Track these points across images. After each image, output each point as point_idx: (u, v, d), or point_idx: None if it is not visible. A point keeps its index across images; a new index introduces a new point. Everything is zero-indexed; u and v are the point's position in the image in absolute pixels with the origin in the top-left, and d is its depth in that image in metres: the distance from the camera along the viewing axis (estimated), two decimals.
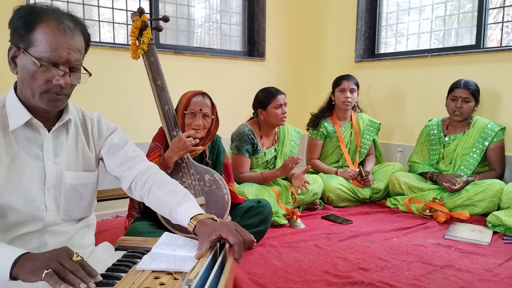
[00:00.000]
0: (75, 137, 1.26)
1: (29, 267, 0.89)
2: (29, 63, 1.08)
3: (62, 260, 0.89)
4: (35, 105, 1.13)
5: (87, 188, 1.27)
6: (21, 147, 1.15)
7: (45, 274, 0.85)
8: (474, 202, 2.65)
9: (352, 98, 3.28)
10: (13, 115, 1.13)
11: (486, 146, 2.85)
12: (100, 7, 3.43)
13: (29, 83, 1.10)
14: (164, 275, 0.94)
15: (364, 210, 2.95)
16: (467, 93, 2.87)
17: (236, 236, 1.03)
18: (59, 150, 1.21)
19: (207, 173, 2.15)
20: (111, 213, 2.83)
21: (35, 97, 1.11)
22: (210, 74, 3.89)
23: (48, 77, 1.09)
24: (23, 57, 1.10)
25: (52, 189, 1.18)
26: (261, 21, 4.24)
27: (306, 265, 1.95)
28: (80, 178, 1.25)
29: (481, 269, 1.91)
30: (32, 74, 1.09)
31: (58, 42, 1.09)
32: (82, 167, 1.26)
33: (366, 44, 4.11)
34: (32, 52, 1.08)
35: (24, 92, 1.13)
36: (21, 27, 1.09)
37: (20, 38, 1.09)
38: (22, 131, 1.15)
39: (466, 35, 3.49)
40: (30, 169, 1.15)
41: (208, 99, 2.17)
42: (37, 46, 1.08)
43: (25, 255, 0.92)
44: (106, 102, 3.31)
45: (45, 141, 1.18)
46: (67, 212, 1.22)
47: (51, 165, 1.19)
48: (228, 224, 1.07)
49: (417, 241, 2.29)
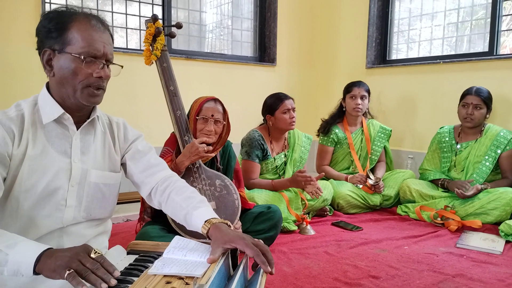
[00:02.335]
0: (103, 137, 1.30)
1: (51, 265, 0.92)
2: (69, 61, 1.13)
3: (83, 259, 0.92)
4: (73, 102, 1.18)
5: (110, 188, 1.30)
6: (50, 143, 1.19)
7: (67, 275, 0.88)
8: (486, 211, 2.62)
9: (363, 105, 3.27)
10: (46, 111, 1.18)
11: (498, 154, 2.82)
12: (114, 12, 3.48)
13: (71, 80, 1.15)
14: (175, 279, 0.95)
15: (375, 217, 2.93)
16: (479, 100, 2.85)
17: (253, 248, 1.03)
18: (86, 149, 1.25)
19: (218, 178, 2.16)
20: (122, 216, 2.85)
21: (77, 93, 1.16)
22: (221, 79, 3.92)
23: (90, 70, 1.15)
24: (60, 58, 1.14)
25: (76, 185, 1.21)
26: (272, 27, 4.26)
27: (316, 272, 1.95)
28: (105, 177, 1.28)
29: (493, 279, 1.88)
30: (73, 71, 1.14)
31: (93, 37, 1.15)
32: (108, 167, 1.30)
33: (378, 50, 4.10)
34: (70, 50, 1.13)
35: (62, 91, 1.17)
36: (54, 29, 1.14)
37: (54, 40, 1.14)
38: (52, 127, 1.19)
39: (479, 42, 3.47)
40: (57, 164, 1.18)
41: (220, 105, 2.19)
42: (74, 44, 1.13)
43: (47, 251, 0.95)
44: (118, 106, 3.35)
45: (73, 138, 1.22)
46: (88, 210, 1.24)
47: (78, 162, 1.22)
48: (244, 237, 1.07)
49: (428, 249, 2.27)
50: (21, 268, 0.93)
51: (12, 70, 2.98)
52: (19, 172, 1.13)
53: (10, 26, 2.95)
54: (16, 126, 1.13)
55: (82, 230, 1.25)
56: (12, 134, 1.12)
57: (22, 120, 1.15)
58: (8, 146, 1.11)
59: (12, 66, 2.98)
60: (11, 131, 1.12)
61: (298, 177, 2.57)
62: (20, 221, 1.15)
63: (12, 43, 2.96)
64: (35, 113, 1.18)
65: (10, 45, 2.96)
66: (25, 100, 1.21)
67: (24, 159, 1.13)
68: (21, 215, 1.14)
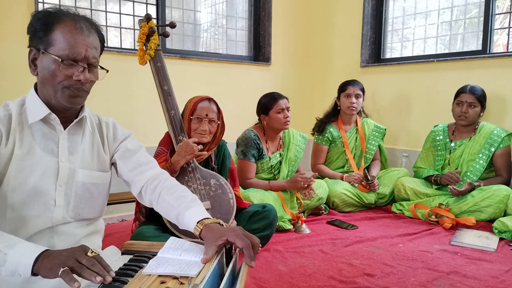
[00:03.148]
0: (91, 137, 1.30)
1: (48, 264, 0.93)
2: (50, 62, 1.14)
3: (79, 257, 0.93)
4: (55, 103, 1.18)
5: (98, 188, 1.29)
6: (37, 142, 1.19)
7: (62, 272, 0.89)
8: (480, 208, 2.64)
9: (357, 104, 3.28)
10: (33, 111, 1.19)
11: (492, 152, 2.84)
12: (108, 12, 3.46)
13: (51, 81, 1.15)
14: (170, 279, 0.95)
15: (370, 216, 2.94)
16: (473, 98, 2.87)
17: (243, 239, 1.03)
18: (74, 149, 1.25)
19: (212, 177, 2.16)
20: (116, 217, 2.84)
21: (57, 94, 1.16)
22: (216, 78, 3.91)
23: (68, 73, 1.14)
24: (43, 58, 1.15)
25: (63, 185, 1.22)
26: (266, 26, 4.26)
27: (311, 271, 1.95)
28: (92, 177, 1.28)
29: (487, 276, 1.90)
30: (53, 72, 1.14)
31: (76, 40, 1.15)
32: (96, 166, 1.30)
33: (372, 49, 4.11)
34: (52, 51, 1.14)
35: (45, 91, 1.18)
36: (40, 29, 1.15)
37: (39, 40, 1.15)
38: (39, 127, 1.20)
39: (473, 40, 3.49)
40: (44, 163, 1.19)
41: (214, 104, 2.18)
42: (56, 45, 1.14)
43: (46, 252, 0.96)
44: (113, 106, 3.34)
45: (60, 137, 1.22)
46: (76, 210, 1.24)
47: (65, 161, 1.22)
48: (234, 229, 1.07)
49: (423, 247, 2.28)
50: (19, 268, 0.94)
51: (3, 70, 2.95)
52: (7, 172, 1.13)
53: (2, 25, 2.93)
54: (3, 125, 1.14)
55: (73, 230, 1.25)
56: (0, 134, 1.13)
57: (10, 120, 1.16)
58: None
59: (4, 66, 2.95)
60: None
61: (299, 177, 2.58)
62: (10, 220, 1.15)
63: (4, 42, 2.94)
64: (22, 113, 1.19)
65: (2, 44, 2.94)
66: (14, 100, 1.22)
67: (12, 158, 1.14)
68: (10, 215, 1.15)
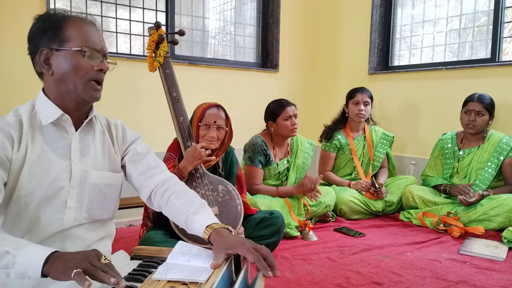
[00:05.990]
0: (102, 138, 1.31)
1: (60, 266, 0.92)
2: (69, 56, 1.15)
3: (93, 261, 0.93)
4: (74, 99, 1.19)
5: (110, 188, 1.29)
6: (49, 145, 1.19)
7: (75, 273, 0.88)
8: (489, 217, 2.62)
9: (365, 111, 3.28)
10: (44, 113, 1.19)
11: (501, 160, 2.82)
12: (118, 19, 3.50)
13: (71, 76, 1.16)
14: (179, 285, 0.95)
15: (377, 223, 2.93)
16: (481, 106, 2.85)
17: (253, 253, 1.03)
18: (86, 150, 1.25)
19: (220, 183, 2.17)
20: (124, 221, 2.86)
21: (78, 89, 1.17)
22: (224, 85, 3.93)
23: (92, 62, 1.17)
24: (58, 55, 1.16)
25: (76, 187, 1.22)
26: (275, 33, 4.28)
27: (318, 278, 1.94)
28: (105, 177, 1.28)
29: (496, 286, 1.88)
30: (74, 65, 1.15)
31: (90, 31, 1.18)
32: (108, 167, 1.30)
33: (380, 57, 4.11)
34: (69, 46, 1.15)
35: (61, 89, 1.18)
36: (50, 28, 1.16)
37: (51, 39, 1.15)
38: (51, 130, 1.20)
39: (481, 48, 3.48)
40: (57, 166, 1.19)
41: (222, 111, 2.20)
42: (72, 40, 1.15)
43: (55, 254, 0.96)
44: (122, 111, 3.36)
45: (72, 140, 1.23)
46: (89, 211, 1.25)
47: (77, 163, 1.22)
48: (244, 242, 1.06)
49: (431, 256, 2.27)
50: (28, 270, 0.93)
51: (12, 74, 2.97)
52: (20, 177, 1.13)
53: (11, 30, 2.94)
54: (15, 131, 1.14)
55: (85, 234, 1.25)
56: (11, 139, 1.13)
57: (21, 125, 1.16)
58: (8, 150, 1.11)
59: (12, 70, 2.96)
60: (10, 136, 1.13)
61: (305, 179, 2.59)
62: (23, 224, 1.15)
63: (12, 46, 2.94)
64: (33, 117, 1.19)
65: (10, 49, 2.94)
66: (23, 105, 1.22)
67: (24, 163, 1.14)
68: (24, 219, 1.15)
